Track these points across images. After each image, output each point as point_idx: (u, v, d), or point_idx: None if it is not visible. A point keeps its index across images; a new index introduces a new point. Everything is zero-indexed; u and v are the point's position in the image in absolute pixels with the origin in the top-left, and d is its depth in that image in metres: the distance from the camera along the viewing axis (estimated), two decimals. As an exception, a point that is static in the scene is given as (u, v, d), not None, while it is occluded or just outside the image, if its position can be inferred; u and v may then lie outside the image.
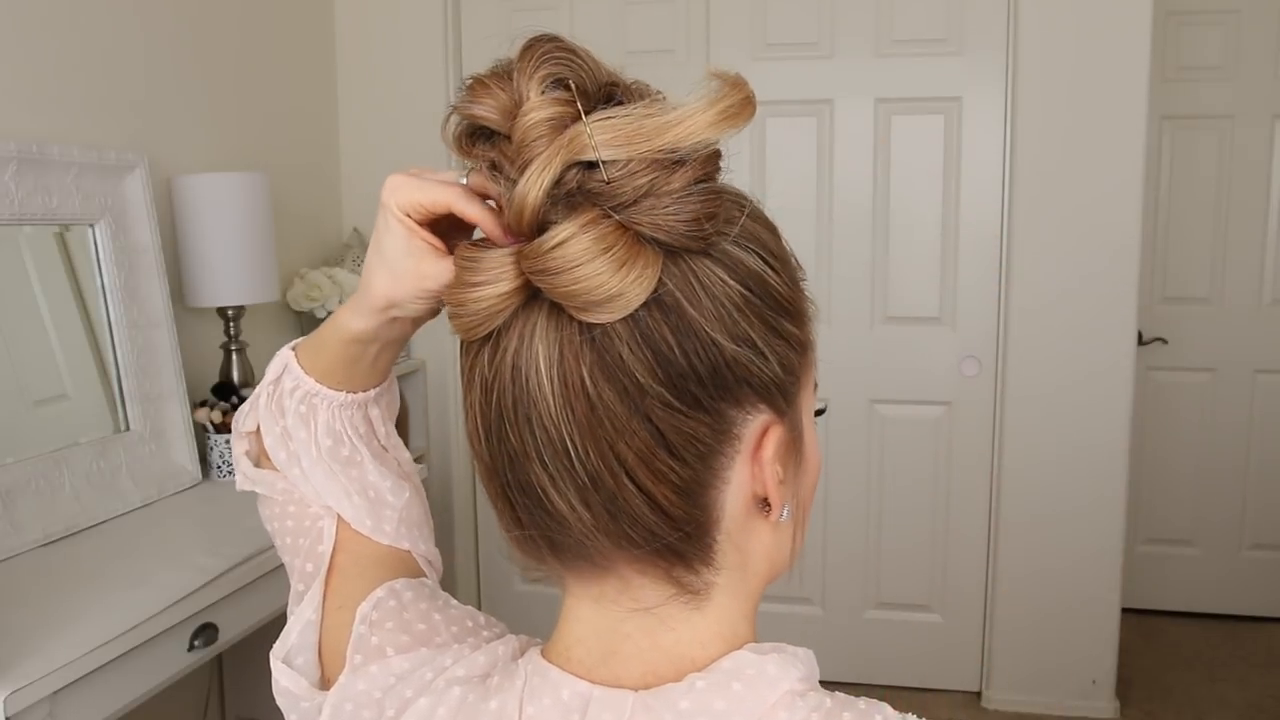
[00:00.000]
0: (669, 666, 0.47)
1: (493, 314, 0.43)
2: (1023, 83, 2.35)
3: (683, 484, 0.43)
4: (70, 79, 1.75)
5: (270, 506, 0.63)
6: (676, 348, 0.42)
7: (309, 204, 2.53)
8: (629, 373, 0.41)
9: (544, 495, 0.44)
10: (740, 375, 0.43)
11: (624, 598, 0.47)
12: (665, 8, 2.52)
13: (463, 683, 0.49)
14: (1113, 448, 2.44)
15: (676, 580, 0.46)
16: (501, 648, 0.52)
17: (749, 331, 0.43)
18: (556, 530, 0.45)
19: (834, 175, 2.52)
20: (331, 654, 0.56)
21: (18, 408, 1.57)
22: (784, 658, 0.45)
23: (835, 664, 2.67)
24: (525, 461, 0.44)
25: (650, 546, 0.44)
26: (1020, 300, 2.44)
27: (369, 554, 0.60)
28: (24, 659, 1.13)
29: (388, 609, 0.55)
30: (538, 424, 0.42)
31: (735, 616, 0.48)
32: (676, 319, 0.42)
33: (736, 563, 0.48)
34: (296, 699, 0.55)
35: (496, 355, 0.44)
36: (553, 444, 0.42)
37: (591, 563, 0.46)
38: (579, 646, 0.48)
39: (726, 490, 0.45)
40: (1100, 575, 2.48)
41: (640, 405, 0.42)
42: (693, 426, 0.43)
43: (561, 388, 0.42)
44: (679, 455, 0.43)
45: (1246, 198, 2.92)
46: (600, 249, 0.40)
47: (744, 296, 0.43)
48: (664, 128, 0.40)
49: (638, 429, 0.42)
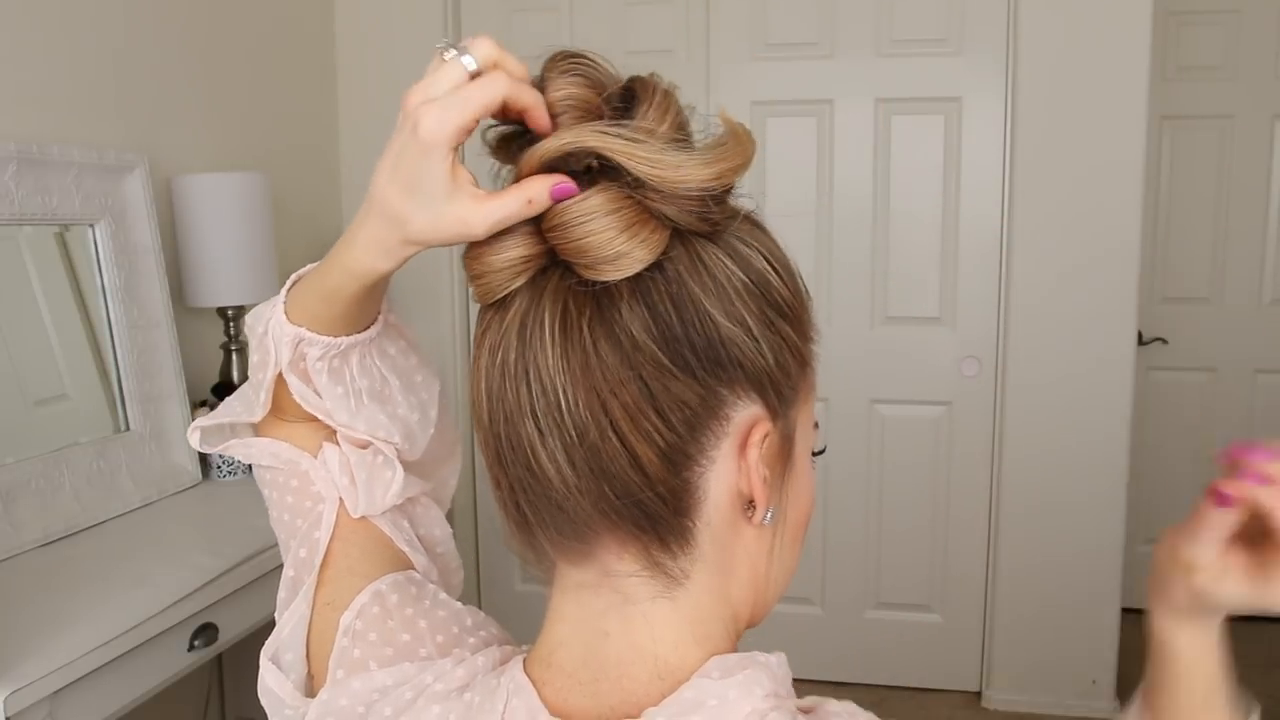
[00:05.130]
0: (642, 670, 0.47)
1: (512, 276, 0.45)
2: (1023, 83, 2.35)
3: (666, 448, 0.44)
4: (70, 79, 1.75)
5: (274, 475, 0.62)
6: (674, 314, 0.44)
7: (309, 204, 2.53)
8: (625, 328, 0.43)
9: (531, 454, 0.45)
10: (733, 356, 0.45)
11: (604, 586, 0.47)
12: (665, 8, 2.52)
13: (441, 699, 0.49)
14: (1113, 447, 2.44)
15: (654, 562, 0.46)
16: (481, 659, 0.52)
17: (745, 316, 0.45)
18: (541, 497, 0.45)
19: (834, 175, 2.52)
20: (316, 654, 0.56)
21: (18, 408, 1.57)
22: (749, 675, 0.45)
23: (835, 664, 2.67)
24: (519, 419, 0.45)
25: (628, 511, 0.45)
26: (1020, 300, 2.44)
27: (363, 542, 0.59)
28: (24, 659, 1.13)
29: (371, 617, 0.54)
30: (534, 377, 0.44)
31: (710, 617, 0.48)
32: (677, 288, 0.44)
33: (716, 560, 0.48)
34: (280, 703, 0.55)
35: (507, 316, 0.46)
36: (546, 395, 0.44)
37: (577, 539, 0.46)
38: (561, 650, 0.49)
39: (710, 473, 0.46)
40: (1100, 575, 2.48)
41: (633, 360, 0.43)
42: (681, 390, 0.44)
43: (562, 338, 0.44)
44: (665, 417, 0.44)
45: (1246, 198, 2.92)
46: (610, 209, 0.43)
47: (745, 285, 0.45)
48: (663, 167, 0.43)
49: (628, 384, 0.43)
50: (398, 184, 0.47)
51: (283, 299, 0.58)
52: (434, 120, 0.44)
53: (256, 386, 0.60)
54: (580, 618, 0.48)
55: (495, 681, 0.49)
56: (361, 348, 0.58)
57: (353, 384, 0.59)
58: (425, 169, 0.45)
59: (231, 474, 1.85)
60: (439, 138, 0.44)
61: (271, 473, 0.62)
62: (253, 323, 0.60)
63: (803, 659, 2.79)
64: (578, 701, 0.47)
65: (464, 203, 0.45)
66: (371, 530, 0.60)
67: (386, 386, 0.60)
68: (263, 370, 0.59)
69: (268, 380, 0.59)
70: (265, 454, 0.61)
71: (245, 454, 0.62)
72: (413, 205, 0.47)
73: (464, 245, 0.47)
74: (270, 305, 0.59)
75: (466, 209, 0.45)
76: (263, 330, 0.58)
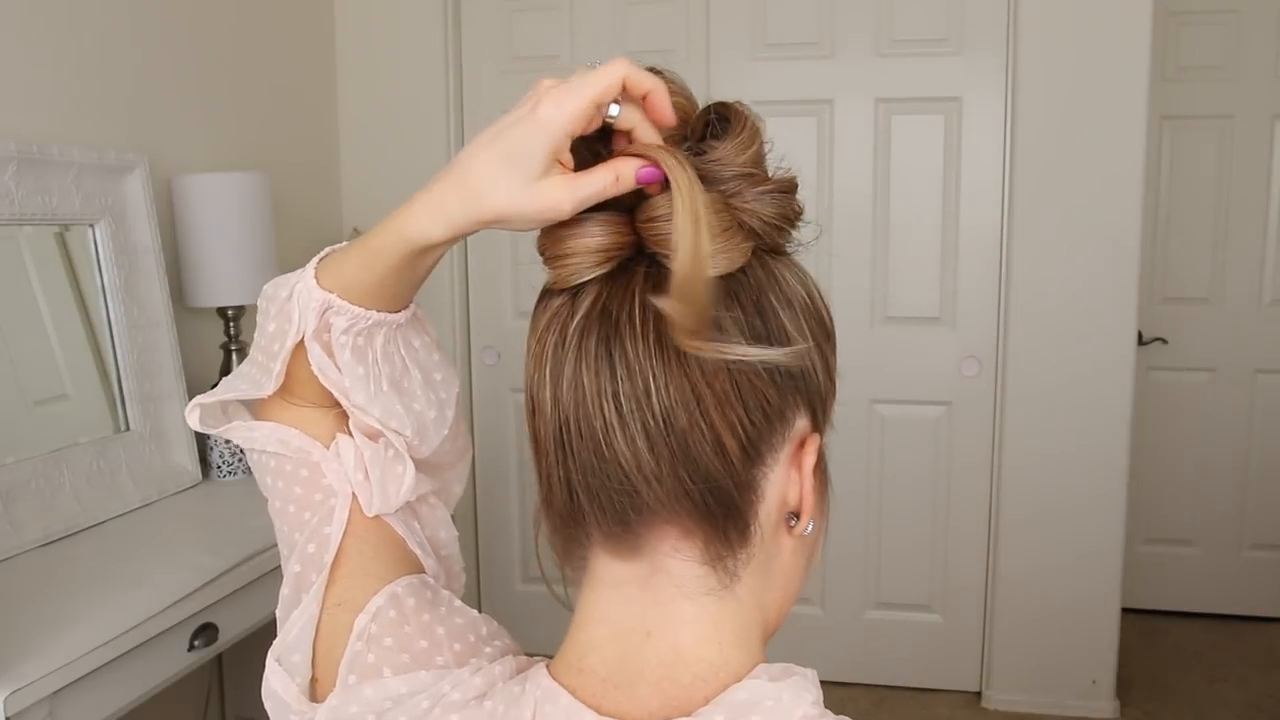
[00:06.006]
0: (685, 673, 0.47)
1: (598, 262, 0.47)
2: (1023, 83, 2.35)
3: (746, 439, 0.46)
4: (70, 79, 1.75)
5: (280, 463, 0.59)
6: (758, 317, 0.46)
7: (309, 204, 2.53)
8: (719, 323, 0.45)
9: (605, 438, 0.45)
10: (800, 367, 0.47)
11: (653, 580, 0.47)
12: (665, 8, 2.52)
13: (459, 708, 0.48)
14: (1113, 448, 2.44)
15: (715, 555, 0.47)
16: (499, 668, 0.51)
17: (807, 333, 0.48)
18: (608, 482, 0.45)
19: (834, 175, 2.52)
20: (323, 656, 0.54)
21: (18, 408, 1.57)
22: (797, 682, 0.46)
23: (835, 664, 2.67)
24: (597, 401, 0.45)
25: (701, 498, 0.45)
26: (1020, 300, 2.44)
27: (376, 541, 0.57)
28: (24, 659, 1.13)
29: (387, 621, 0.53)
30: (620, 360, 0.45)
31: (749, 621, 0.49)
32: (759, 296, 0.47)
33: (761, 565, 0.49)
34: (285, 707, 0.53)
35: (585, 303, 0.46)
36: (632, 378, 0.44)
37: (635, 528, 0.46)
38: (594, 655, 0.48)
39: (770, 476, 0.47)
40: (1100, 575, 2.48)
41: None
42: (763, 387, 0.46)
43: (656, 325, 0.45)
44: (750, 411, 0.46)
45: (1246, 198, 2.92)
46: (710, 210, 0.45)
47: (806, 305, 0.49)
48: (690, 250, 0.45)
49: (720, 373, 0.45)
50: (494, 151, 0.47)
51: (314, 264, 0.56)
52: (553, 100, 0.46)
53: (271, 357, 0.57)
54: (619, 618, 0.48)
55: (519, 689, 0.48)
56: (388, 330, 0.57)
57: (375, 367, 0.56)
58: (530, 144, 0.46)
59: (231, 474, 1.85)
60: (555, 116, 0.46)
61: (277, 460, 0.59)
62: (273, 290, 0.57)
63: (803, 659, 2.78)
64: (612, 707, 0.47)
65: (555, 180, 0.47)
66: (384, 529, 0.58)
67: (407, 377, 0.58)
68: (280, 340, 0.56)
69: (285, 349, 0.56)
70: (272, 440, 0.58)
71: (249, 438, 0.59)
72: (503, 174, 0.47)
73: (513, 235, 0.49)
74: (298, 272, 0.56)
75: (557, 185, 0.46)
76: (286, 295, 0.56)
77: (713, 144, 0.48)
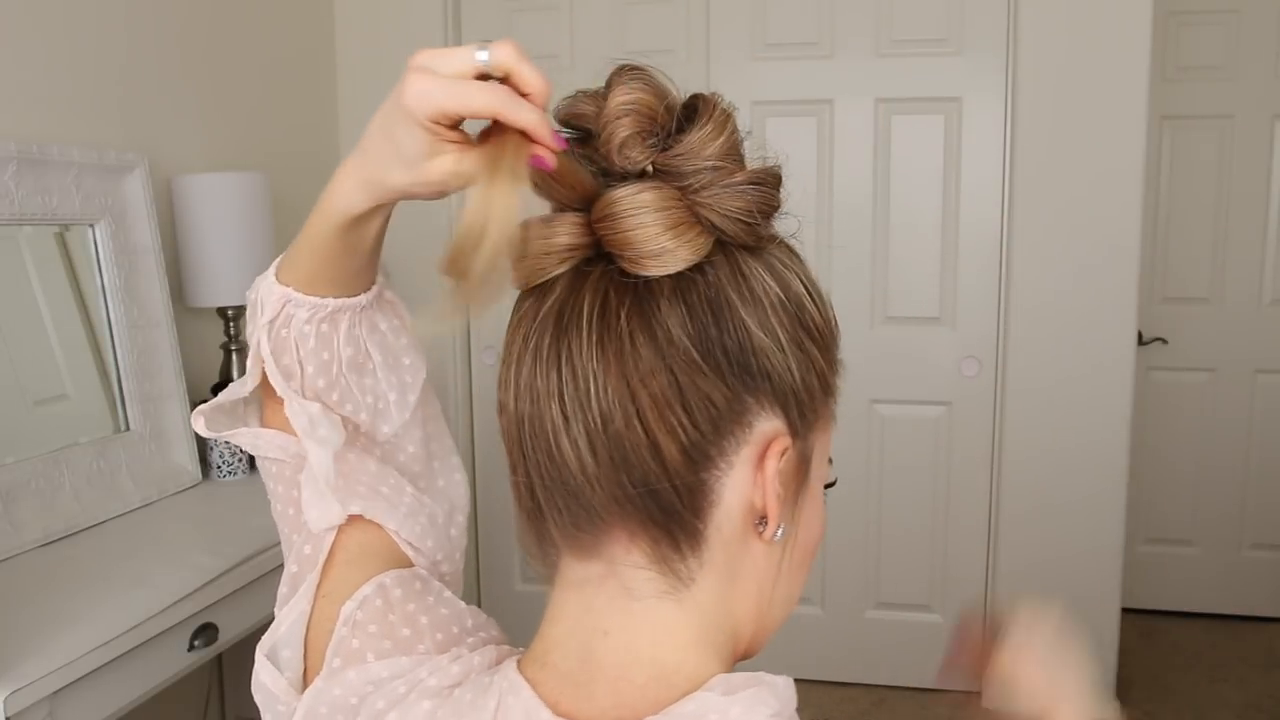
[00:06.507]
0: (639, 673, 0.47)
1: (557, 261, 0.46)
2: (1023, 83, 2.35)
3: (688, 444, 0.45)
4: (70, 79, 1.75)
5: (281, 468, 0.61)
6: (710, 316, 0.45)
7: (309, 204, 2.50)
8: (662, 322, 0.44)
9: (554, 439, 0.45)
10: (763, 366, 0.46)
11: (609, 580, 0.47)
12: (665, 8, 2.52)
13: (433, 695, 0.49)
14: (1112, 447, 2.44)
15: (662, 557, 0.46)
16: (478, 658, 0.51)
17: (778, 331, 0.46)
18: (558, 484, 0.46)
19: (834, 175, 2.52)
20: (314, 648, 0.55)
21: (18, 408, 1.57)
22: (755, 694, 0.44)
23: (835, 664, 2.67)
24: (546, 403, 0.45)
25: (642, 501, 0.45)
26: (1020, 300, 2.44)
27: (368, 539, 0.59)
28: (24, 659, 1.13)
29: (373, 609, 0.54)
30: (566, 362, 0.45)
31: (712, 626, 0.48)
32: (716, 293, 0.45)
33: (724, 569, 0.48)
34: (274, 699, 0.54)
35: (546, 303, 0.46)
36: (576, 380, 0.44)
37: (587, 529, 0.46)
38: (557, 650, 0.48)
39: (727, 479, 0.46)
40: (1100, 575, 2.48)
41: (666, 354, 0.44)
42: (710, 388, 0.45)
43: (599, 325, 0.44)
44: (691, 413, 0.45)
45: (1246, 198, 2.92)
46: (660, 206, 0.45)
47: (781, 302, 0.47)
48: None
49: (659, 375, 0.44)
50: (382, 133, 0.49)
51: (276, 262, 0.59)
52: (419, 90, 0.45)
53: (254, 358, 0.60)
54: (579, 615, 0.48)
55: (488, 680, 0.49)
56: (352, 315, 0.59)
57: (338, 352, 0.59)
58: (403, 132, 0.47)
59: (231, 474, 1.85)
60: (417, 109, 0.45)
61: (279, 465, 0.61)
62: (250, 293, 0.60)
63: (803, 659, 2.80)
64: (571, 703, 0.47)
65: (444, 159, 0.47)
66: (376, 533, 0.59)
67: (369, 361, 0.61)
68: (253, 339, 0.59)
69: (253, 344, 0.59)
70: (273, 446, 0.60)
71: (252, 444, 0.61)
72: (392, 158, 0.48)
73: None
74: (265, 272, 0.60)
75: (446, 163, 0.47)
76: (254, 296, 0.59)
77: (679, 137, 0.47)
